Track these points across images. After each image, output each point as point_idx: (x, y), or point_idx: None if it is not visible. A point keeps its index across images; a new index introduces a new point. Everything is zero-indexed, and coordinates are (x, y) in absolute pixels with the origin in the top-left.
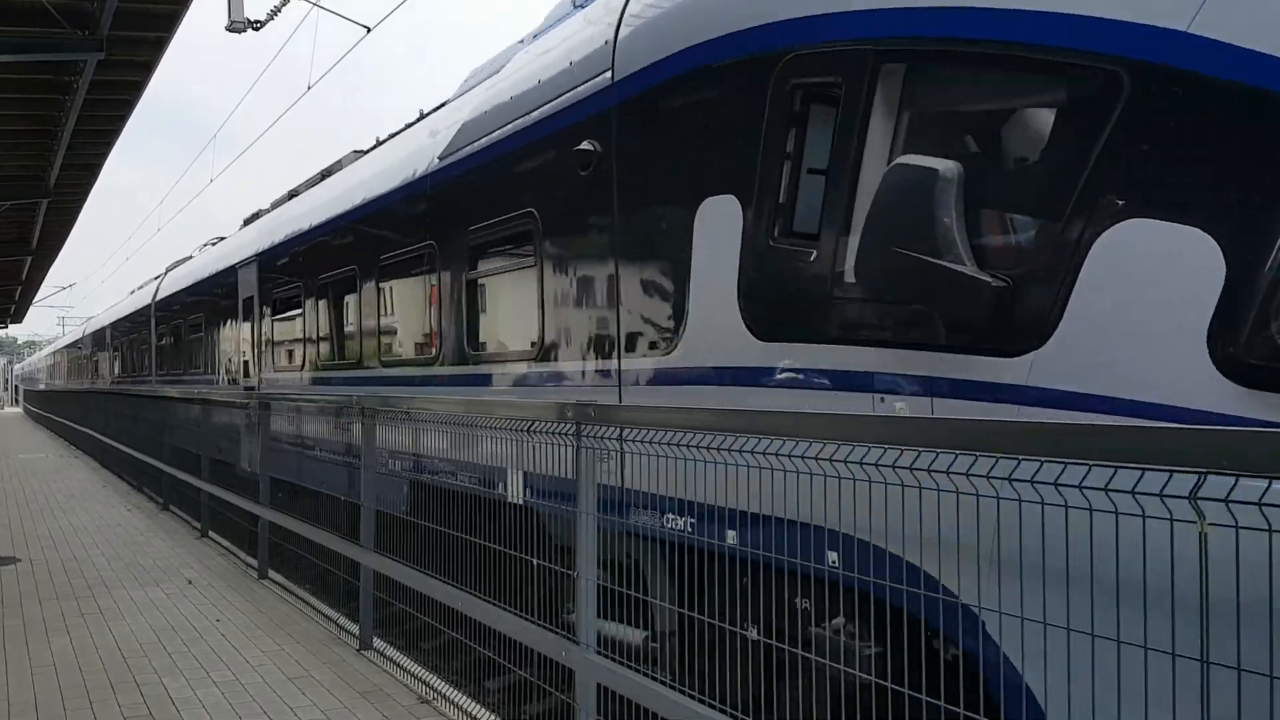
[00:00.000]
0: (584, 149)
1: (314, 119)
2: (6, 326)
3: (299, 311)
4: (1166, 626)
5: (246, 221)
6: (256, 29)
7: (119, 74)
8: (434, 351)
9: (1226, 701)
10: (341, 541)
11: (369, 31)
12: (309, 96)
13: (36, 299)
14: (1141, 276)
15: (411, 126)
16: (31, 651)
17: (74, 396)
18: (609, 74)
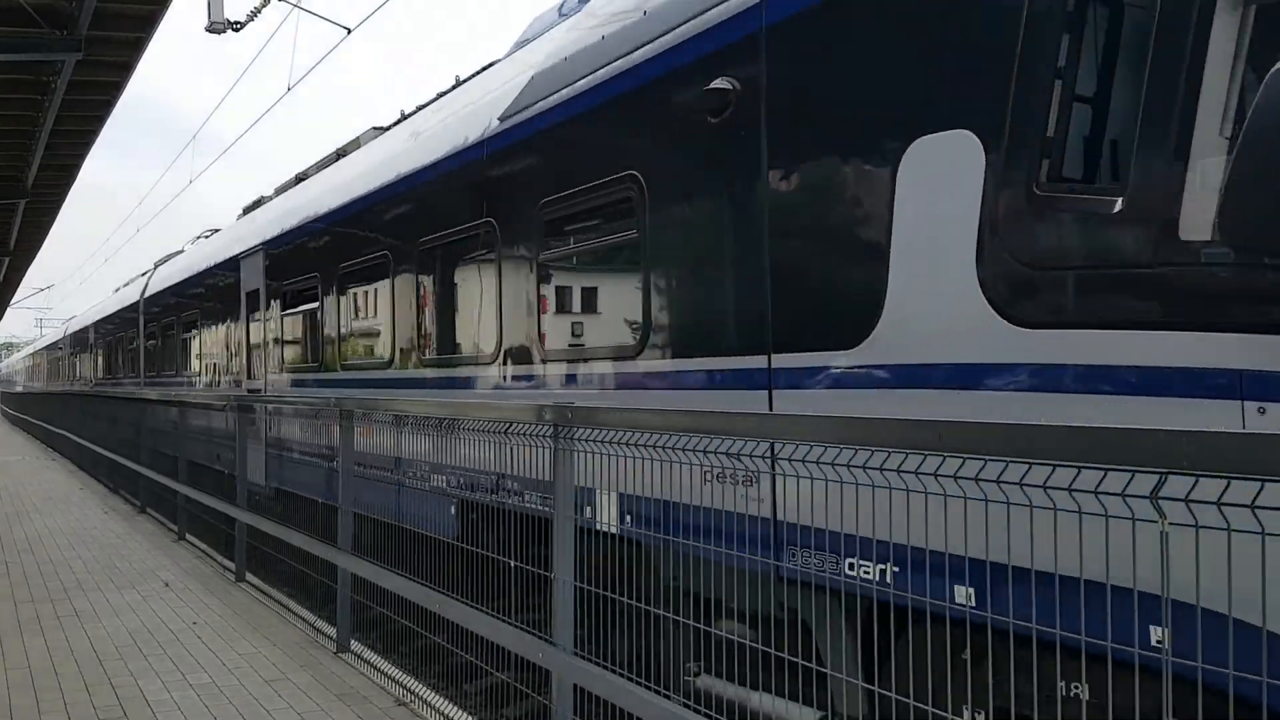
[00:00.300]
0: (716, 89)
1: (297, 121)
2: None
3: (314, 305)
4: None
5: (246, 210)
6: (237, 30)
7: (97, 74)
8: (492, 350)
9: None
10: (319, 544)
11: (349, 33)
12: (295, 98)
13: (14, 300)
14: None
15: (450, 93)
16: (6, 653)
17: (53, 399)
18: None
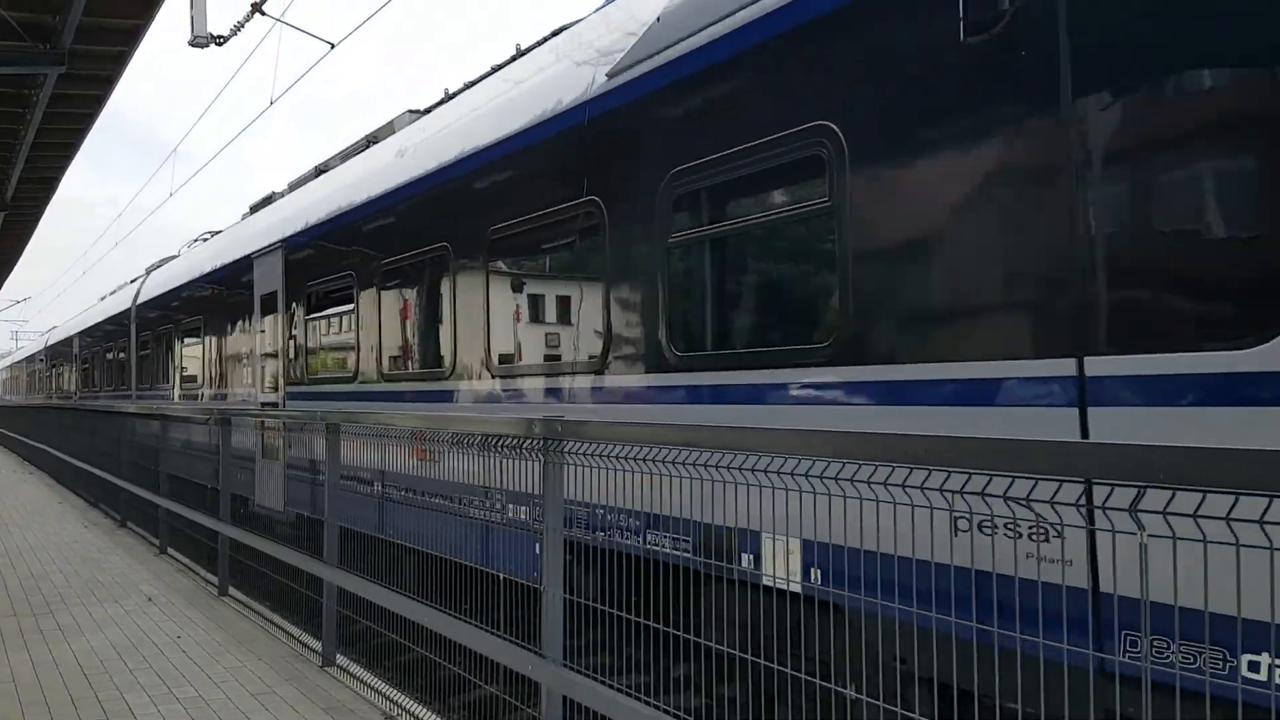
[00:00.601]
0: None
1: (280, 136)
2: None
3: (348, 308)
4: None
5: (255, 208)
6: (220, 44)
7: (80, 88)
8: (598, 354)
9: None
10: (305, 558)
11: (333, 47)
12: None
13: None
14: None
15: (514, 61)
16: None
17: (32, 413)
18: None
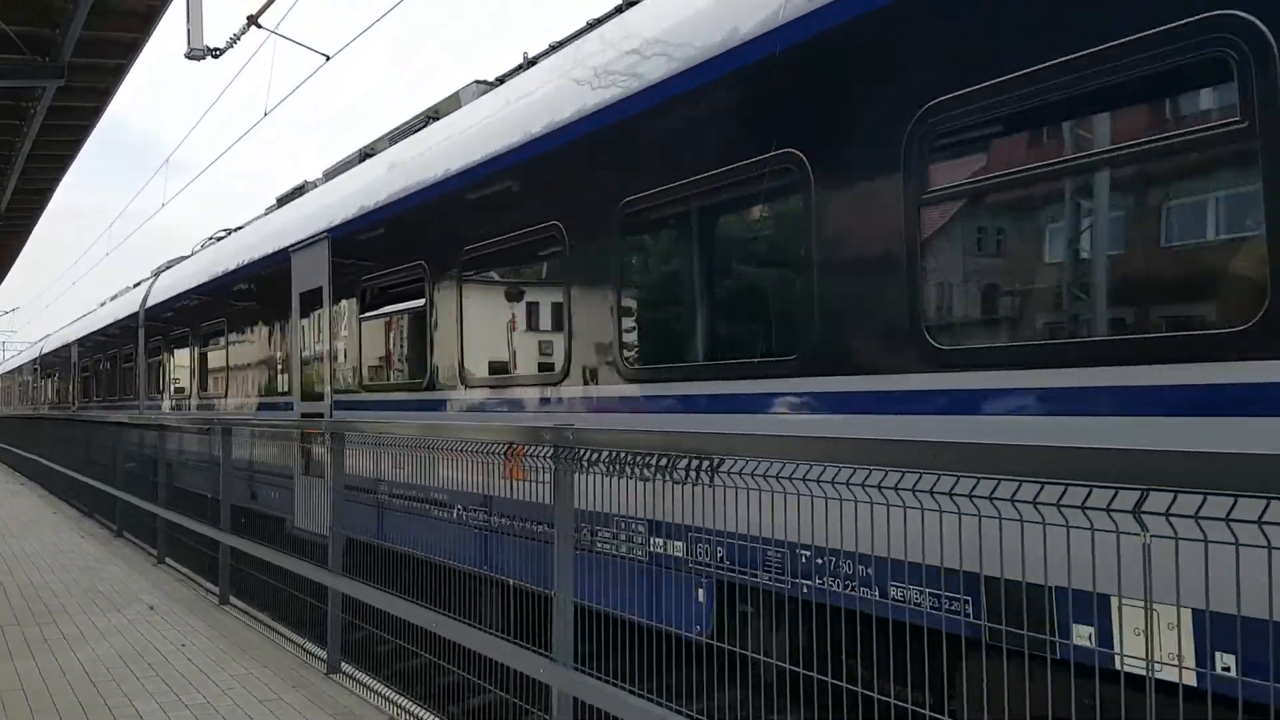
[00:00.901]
0: None
1: (274, 147)
2: None
3: (419, 302)
4: None
5: (283, 200)
6: (216, 56)
7: (77, 100)
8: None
9: None
10: (309, 566)
11: (328, 59)
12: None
13: None
14: None
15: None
16: None
17: (22, 422)
18: None
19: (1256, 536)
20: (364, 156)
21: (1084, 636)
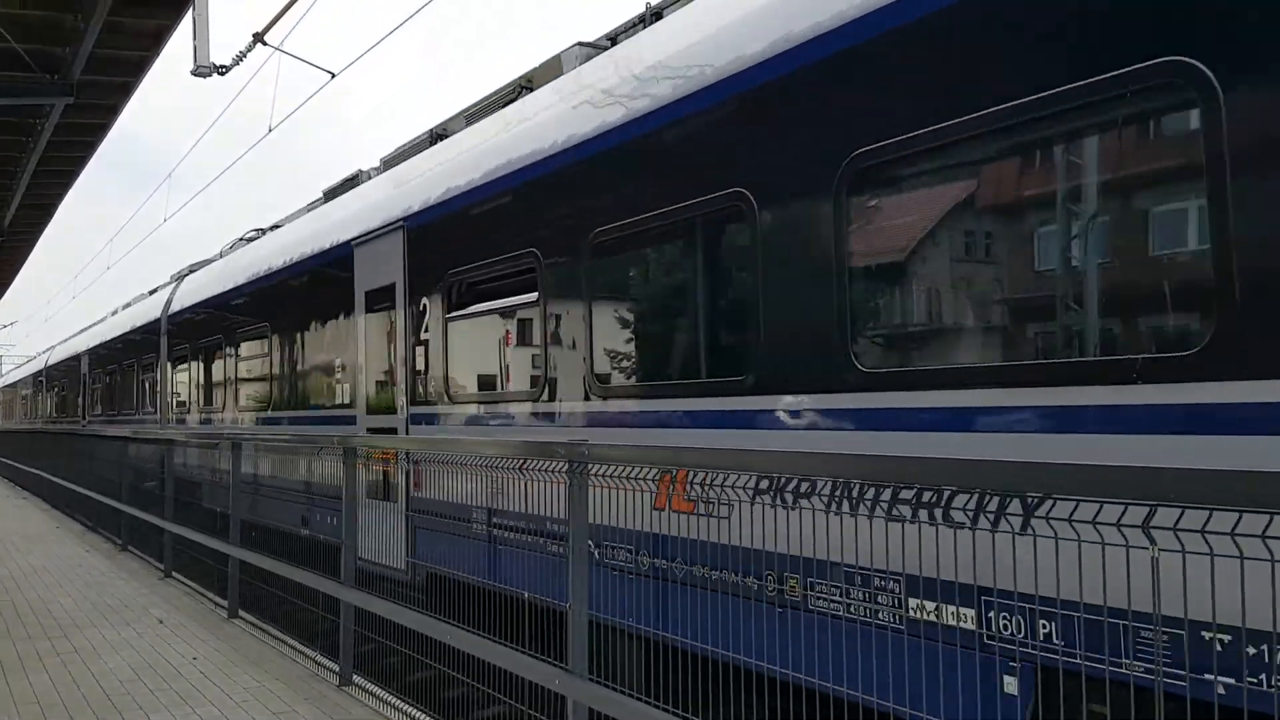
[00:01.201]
0: None
1: (278, 165)
2: None
3: (530, 296)
4: None
5: (330, 193)
6: (222, 74)
7: (84, 117)
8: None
9: None
10: (322, 579)
11: (333, 77)
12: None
13: None
14: None
15: None
16: (14, 689)
17: (32, 438)
18: None
19: None
20: (435, 138)
21: None
